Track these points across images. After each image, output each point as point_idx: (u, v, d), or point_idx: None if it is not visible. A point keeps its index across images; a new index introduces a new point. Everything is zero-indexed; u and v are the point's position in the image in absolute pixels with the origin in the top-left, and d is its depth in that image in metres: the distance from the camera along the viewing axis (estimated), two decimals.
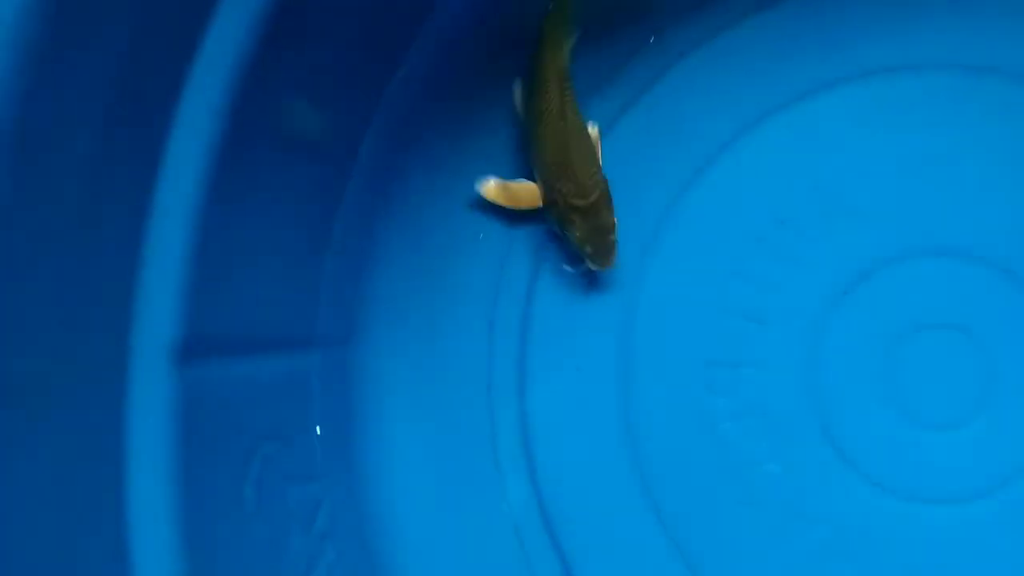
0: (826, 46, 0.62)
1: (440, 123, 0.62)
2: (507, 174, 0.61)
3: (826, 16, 0.62)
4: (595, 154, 0.59)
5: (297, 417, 0.54)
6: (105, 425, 0.40)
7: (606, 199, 0.58)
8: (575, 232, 0.57)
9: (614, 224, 0.58)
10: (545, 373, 0.61)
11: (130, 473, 0.40)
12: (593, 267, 0.59)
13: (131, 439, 0.40)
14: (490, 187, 0.60)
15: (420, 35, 0.60)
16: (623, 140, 0.62)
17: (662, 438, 0.60)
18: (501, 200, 0.60)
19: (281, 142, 0.50)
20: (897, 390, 0.60)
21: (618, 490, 0.60)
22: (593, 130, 0.60)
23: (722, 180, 0.62)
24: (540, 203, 0.59)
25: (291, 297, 0.54)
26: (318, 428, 0.56)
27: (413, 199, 0.62)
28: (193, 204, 0.43)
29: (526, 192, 0.60)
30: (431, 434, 0.61)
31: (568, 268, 0.61)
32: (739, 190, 0.62)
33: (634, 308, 0.62)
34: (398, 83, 0.60)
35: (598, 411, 0.61)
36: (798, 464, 0.60)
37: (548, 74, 0.58)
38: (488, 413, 0.61)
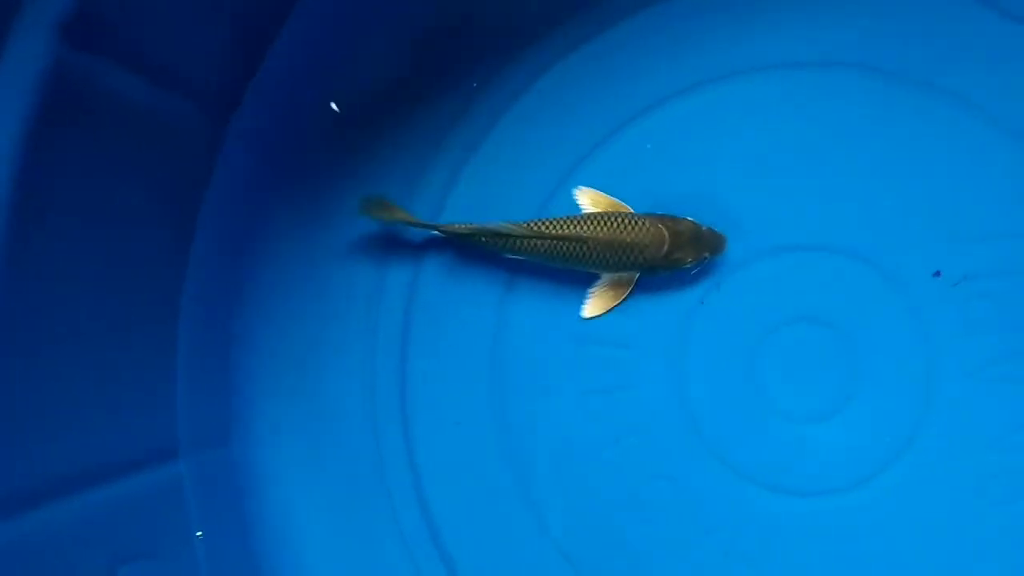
0: (653, 64, 0.62)
1: (274, 212, 0.63)
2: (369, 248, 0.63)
3: (648, 41, 0.63)
4: (608, 215, 0.60)
5: (167, 528, 0.56)
6: None
7: (664, 222, 0.59)
8: (688, 261, 0.59)
9: (691, 221, 0.59)
10: (430, 432, 0.62)
11: None
12: (715, 255, 0.60)
13: None
14: (590, 309, 0.61)
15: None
16: (471, 190, 0.63)
17: (552, 474, 0.61)
18: (609, 306, 0.61)
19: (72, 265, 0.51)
20: (765, 389, 0.60)
21: (519, 534, 0.61)
22: (598, 196, 0.61)
23: (566, 212, 0.62)
24: (633, 284, 0.61)
25: (134, 413, 0.55)
26: (199, 532, 0.57)
27: (264, 297, 0.63)
28: None
29: (619, 287, 0.61)
30: (327, 508, 0.62)
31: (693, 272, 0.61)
32: None
33: (502, 350, 0.62)
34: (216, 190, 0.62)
35: (486, 459, 0.62)
36: (684, 476, 0.60)
37: (506, 240, 0.59)
38: (381, 480, 0.62)
